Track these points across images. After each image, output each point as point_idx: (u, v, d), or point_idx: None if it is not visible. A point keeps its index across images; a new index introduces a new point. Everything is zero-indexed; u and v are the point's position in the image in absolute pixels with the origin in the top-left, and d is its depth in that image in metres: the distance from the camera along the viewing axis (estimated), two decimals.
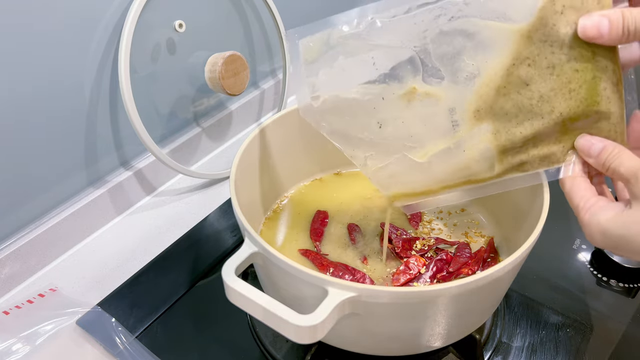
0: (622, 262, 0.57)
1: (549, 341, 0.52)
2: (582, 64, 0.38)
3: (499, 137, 0.41)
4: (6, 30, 0.50)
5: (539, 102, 0.39)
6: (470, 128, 0.42)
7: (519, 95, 0.40)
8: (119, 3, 0.59)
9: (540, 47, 0.38)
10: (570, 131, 0.40)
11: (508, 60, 0.39)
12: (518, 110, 0.40)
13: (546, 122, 0.40)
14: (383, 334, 0.43)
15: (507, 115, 0.40)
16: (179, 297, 0.57)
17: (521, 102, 0.40)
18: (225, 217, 0.67)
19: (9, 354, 0.50)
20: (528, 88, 0.39)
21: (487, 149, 0.42)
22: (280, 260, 0.40)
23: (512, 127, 0.41)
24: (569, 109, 0.39)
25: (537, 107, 0.40)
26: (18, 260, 0.58)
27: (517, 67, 0.39)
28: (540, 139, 0.41)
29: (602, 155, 0.39)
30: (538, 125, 0.40)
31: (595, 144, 0.39)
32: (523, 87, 0.39)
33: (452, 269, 0.51)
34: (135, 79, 0.63)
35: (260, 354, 0.52)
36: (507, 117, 0.40)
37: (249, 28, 0.76)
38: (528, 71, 0.39)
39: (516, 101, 0.40)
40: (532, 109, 0.40)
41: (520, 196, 0.51)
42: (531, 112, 0.40)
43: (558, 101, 0.39)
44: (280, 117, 0.56)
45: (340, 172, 0.65)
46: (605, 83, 0.38)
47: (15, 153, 0.56)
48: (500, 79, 0.40)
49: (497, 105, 0.40)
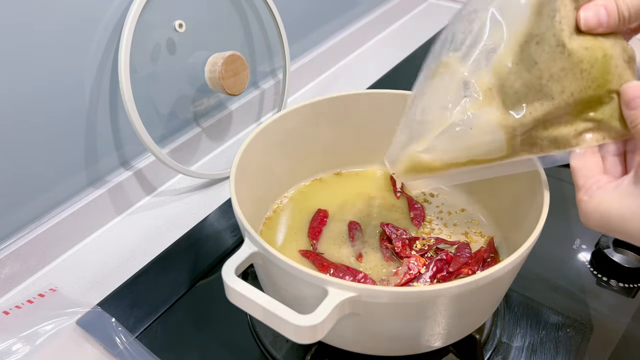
0: (622, 262, 0.57)
1: (549, 341, 0.52)
2: (591, 42, 0.38)
3: (508, 117, 0.40)
4: (6, 30, 0.50)
5: (548, 81, 0.38)
6: (480, 106, 0.41)
7: (529, 74, 0.39)
8: (119, 3, 0.59)
9: (549, 24, 0.38)
10: (582, 113, 0.39)
11: (521, 37, 0.39)
12: (527, 90, 0.39)
13: (557, 102, 0.39)
14: (383, 334, 0.43)
15: (516, 94, 0.39)
16: (179, 297, 0.57)
17: (530, 82, 0.39)
18: (225, 217, 0.67)
19: (9, 354, 0.50)
20: (537, 67, 0.38)
21: (495, 128, 0.41)
22: (281, 260, 0.40)
23: (521, 107, 0.40)
24: (580, 89, 0.38)
25: (547, 87, 0.39)
26: (18, 260, 0.58)
27: (528, 44, 0.38)
28: (551, 121, 0.40)
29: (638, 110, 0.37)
30: (548, 106, 0.39)
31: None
32: (532, 66, 0.39)
33: (452, 269, 0.51)
34: (135, 79, 0.63)
35: (260, 354, 0.52)
36: (517, 96, 0.39)
37: (249, 28, 0.76)
38: (537, 49, 0.38)
39: (525, 80, 0.39)
40: (542, 89, 0.39)
41: (520, 196, 0.51)
42: (541, 92, 0.39)
43: (569, 81, 0.38)
44: (280, 117, 0.56)
45: (341, 172, 0.65)
46: (617, 61, 0.38)
47: (15, 153, 0.56)
48: (513, 56, 0.39)
49: (508, 84, 0.39)
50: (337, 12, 0.93)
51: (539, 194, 0.46)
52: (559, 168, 0.66)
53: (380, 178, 0.64)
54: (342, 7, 0.94)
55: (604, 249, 0.58)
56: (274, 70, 0.84)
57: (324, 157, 0.63)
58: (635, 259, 0.58)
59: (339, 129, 0.61)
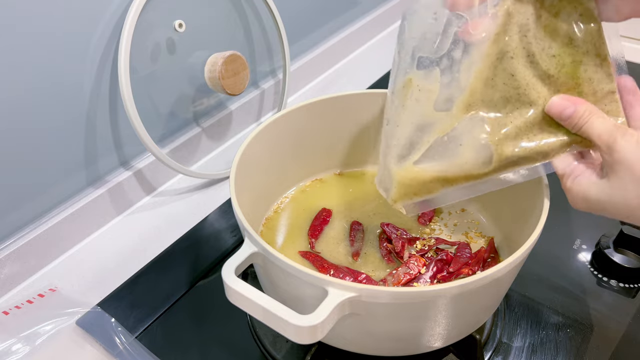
0: (622, 263, 0.57)
1: (549, 341, 0.52)
2: (558, 49, 0.40)
3: (494, 130, 0.41)
4: (6, 30, 0.50)
5: (525, 89, 0.40)
6: (463, 120, 0.42)
7: (506, 86, 0.40)
8: (119, 3, 0.59)
9: (517, 39, 0.40)
10: None
11: (493, 55, 0.40)
12: (506, 101, 0.41)
13: (535, 109, 0.40)
14: (383, 334, 0.43)
15: (496, 106, 0.41)
16: (179, 297, 0.57)
17: (508, 93, 0.41)
18: (225, 217, 0.67)
19: (9, 354, 0.50)
20: (514, 78, 0.40)
21: (484, 143, 0.42)
22: (281, 261, 0.40)
23: (503, 118, 0.41)
24: (552, 94, 0.40)
25: (524, 96, 0.40)
26: (18, 260, 0.58)
27: (501, 61, 0.40)
28: (533, 132, 0.41)
29: (573, 119, 0.39)
30: (527, 114, 0.41)
31: (567, 107, 0.39)
32: (509, 78, 0.40)
33: (452, 269, 0.51)
34: (135, 79, 0.63)
35: (260, 354, 0.52)
36: (497, 108, 0.41)
37: (249, 28, 0.76)
38: (511, 63, 0.40)
39: (504, 92, 0.41)
40: (520, 98, 0.41)
41: (520, 196, 0.51)
42: (519, 100, 0.41)
43: (541, 87, 0.40)
44: (280, 117, 0.56)
45: (341, 172, 0.65)
46: (585, 65, 0.40)
47: (15, 153, 0.55)
48: (488, 71, 0.41)
49: (487, 97, 0.41)
50: (337, 12, 0.93)
51: (539, 194, 0.46)
52: None
53: None
54: (342, 7, 0.94)
55: (604, 249, 0.58)
56: (274, 70, 0.84)
57: (324, 157, 0.63)
58: (636, 259, 0.58)
59: (339, 129, 0.61)
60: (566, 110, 0.39)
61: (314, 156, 0.62)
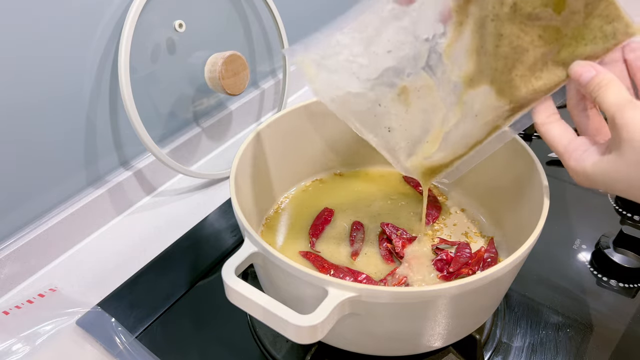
0: (622, 262, 0.57)
1: (549, 341, 0.52)
2: None
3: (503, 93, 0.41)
4: (6, 30, 0.50)
5: (517, 38, 0.39)
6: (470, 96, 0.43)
7: (499, 48, 0.40)
8: (119, 3, 0.59)
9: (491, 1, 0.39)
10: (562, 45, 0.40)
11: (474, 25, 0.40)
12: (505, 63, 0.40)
13: (533, 52, 0.40)
14: (383, 334, 0.43)
15: (497, 70, 0.41)
16: (179, 297, 0.57)
17: (504, 52, 0.40)
18: (225, 217, 0.67)
19: (9, 354, 0.50)
20: (504, 37, 0.40)
21: (497, 104, 0.42)
22: (281, 261, 0.40)
23: (508, 77, 0.41)
24: (544, 31, 0.39)
25: (519, 47, 0.40)
26: (18, 260, 0.58)
27: (484, 26, 0.40)
28: (536, 73, 0.40)
29: (590, 85, 0.38)
30: (528, 61, 0.40)
31: (586, 72, 0.38)
32: (499, 39, 0.40)
33: (452, 269, 0.51)
34: (135, 79, 0.63)
35: (260, 354, 0.52)
36: (498, 72, 0.41)
37: (249, 28, 0.76)
38: (494, 24, 0.40)
39: (499, 54, 0.40)
40: (516, 50, 0.40)
41: (520, 196, 0.51)
42: (516, 52, 0.40)
43: (531, 28, 0.39)
44: (280, 117, 0.56)
45: (341, 172, 0.65)
46: None
47: (15, 153, 0.55)
48: (476, 42, 0.41)
49: (485, 66, 0.41)
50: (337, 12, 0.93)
51: (539, 194, 0.46)
52: (559, 168, 0.66)
53: (380, 178, 0.64)
54: (342, 7, 0.94)
55: (604, 249, 0.58)
56: (274, 70, 0.84)
57: (324, 157, 0.63)
58: (636, 259, 0.58)
59: (339, 129, 0.61)
60: (584, 74, 0.38)
61: (314, 156, 0.62)
